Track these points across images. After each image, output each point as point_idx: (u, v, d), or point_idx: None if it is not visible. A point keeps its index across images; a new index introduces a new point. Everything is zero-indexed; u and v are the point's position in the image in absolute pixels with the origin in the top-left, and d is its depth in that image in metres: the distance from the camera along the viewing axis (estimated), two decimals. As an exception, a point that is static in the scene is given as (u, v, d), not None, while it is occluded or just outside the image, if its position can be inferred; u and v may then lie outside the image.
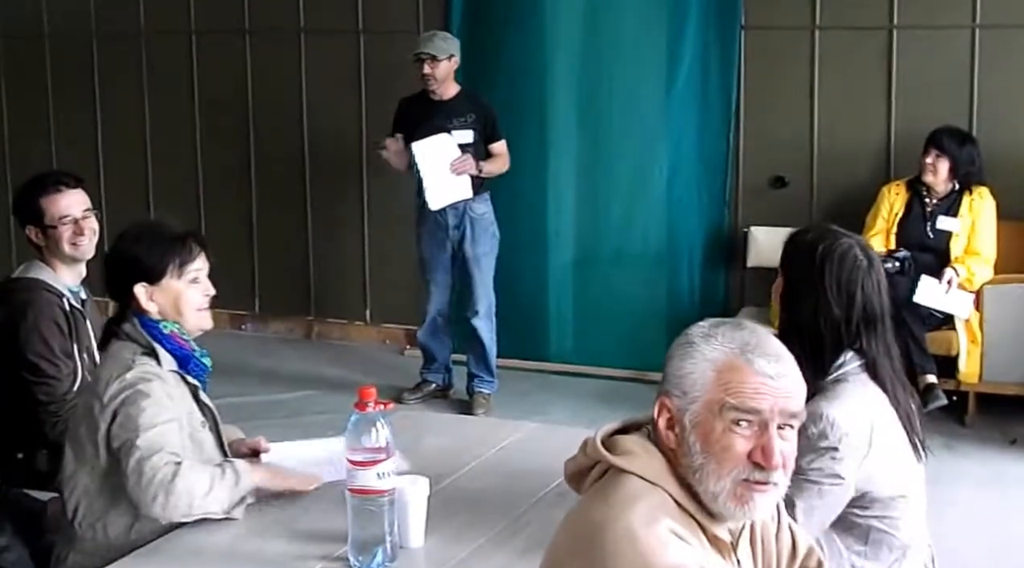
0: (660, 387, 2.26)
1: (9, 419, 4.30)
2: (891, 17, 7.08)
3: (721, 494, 2.18)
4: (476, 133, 6.96)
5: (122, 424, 3.15)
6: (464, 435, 3.90)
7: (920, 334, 6.37)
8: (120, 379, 3.19)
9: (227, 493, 3.14)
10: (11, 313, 4.25)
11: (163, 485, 3.05)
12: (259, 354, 8.11)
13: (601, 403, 7.09)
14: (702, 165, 7.55)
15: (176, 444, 3.17)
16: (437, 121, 6.91)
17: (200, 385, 3.38)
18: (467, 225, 7.04)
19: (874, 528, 3.03)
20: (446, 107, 6.97)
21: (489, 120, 7.02)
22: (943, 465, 6.23)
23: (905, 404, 3.09)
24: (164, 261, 3.36)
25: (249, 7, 8.54)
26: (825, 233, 3.18)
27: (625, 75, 7.66)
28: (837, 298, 3.05)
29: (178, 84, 8.81)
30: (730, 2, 7.36)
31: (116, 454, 3.16)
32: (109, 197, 8.31)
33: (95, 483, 3.23)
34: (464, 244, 7.06)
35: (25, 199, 4.40)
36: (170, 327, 3.34)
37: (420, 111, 6.98)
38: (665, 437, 2.23)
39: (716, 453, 2.18)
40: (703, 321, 2.31)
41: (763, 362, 2.19)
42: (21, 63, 9.35)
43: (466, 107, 6.99)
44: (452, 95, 7.00)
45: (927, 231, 6.70)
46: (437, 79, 6.88)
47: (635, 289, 7.70)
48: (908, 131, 6.94)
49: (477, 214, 7.04)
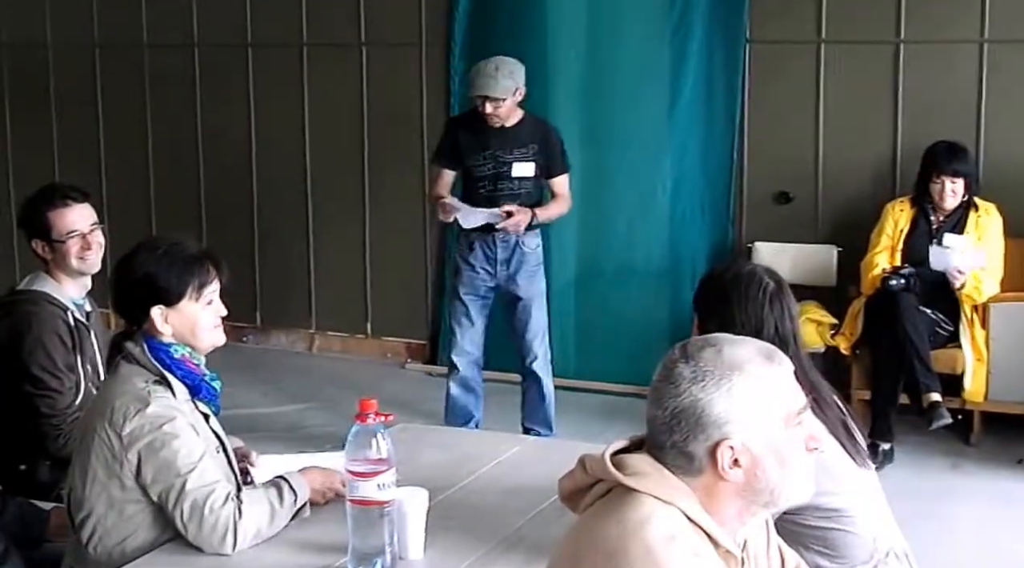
0: (707, 435, 2.18)
1: (11, 431, 4.29)
2: (897, 31, 7.06)
3: (796, 491, 2.25)
4: (537, 166, 6.35)
5: (159, 469, 3.09)
6: (464, 449, 3.88)
7: (925, 352, 6.32)
8: (140, 415, 3.11)
9: (288, 512, 3.16)
10: (15, 326, 4.25)
11: (229, 528, 3.04)
12: (260, 366, 8.09)
13: (602, 419, 7.06)
14: (706, 180, 7.52)
15: (218, 475, 3.15)
16: (495, 150, 6.30)
17: (213, 411, 3.32)
18: (519, 262, 6.42)
19: (820, 538, 3.03)
20: (507, 135, 6.32)
21: (553, 152, 6.41)
22: (948, 484, 6.22)
23: (833, 416, 3.07)
24: (182, 284, 3.26)
25: (251, 20, 8.53)
26: (731, 264, 3.33)
27: (628, 89, 7.64)
28: (745, 321, 3.03)
29: (179, 97, 8.80)
30: (735, 16, 7.34)
31: (159, 500, 3.11)
32: (111, 209, 8.30)
33: (112, 513, 3.17)
34: (514, 283, 6.43)
35: (32, 213, 4.38)
36: (180, 351, 3.26)
37: (475, 135, 6.34)
38: (730, 476, 2.19)
39: (789, 462, 2.22)
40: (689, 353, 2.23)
41: (784, 359, 2.25)
42: (23, 74, 9.35)
43: (529, 136, 6.34)
44: (515, 122, 6.33)
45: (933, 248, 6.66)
46: (502, 118, 6.25)
47: (637, 305, 7.67)
48: (914, 147, 6.90)
49: (530, 248, 6.43)
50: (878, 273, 6.58)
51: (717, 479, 2.20)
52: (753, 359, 2.21)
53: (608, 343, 7.72)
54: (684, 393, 2.18)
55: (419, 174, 8.03)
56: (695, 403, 2.17)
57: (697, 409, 2.17)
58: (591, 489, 2.28)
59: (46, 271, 4.35)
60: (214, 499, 3.06)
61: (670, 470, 2.21)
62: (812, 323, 6.80)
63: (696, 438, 2.18)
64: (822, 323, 6.84)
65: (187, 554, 3.08)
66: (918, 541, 3.44)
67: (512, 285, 6.44)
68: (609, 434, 6.51)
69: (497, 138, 6.30)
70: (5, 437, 4.31)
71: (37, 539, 3.68)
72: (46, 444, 4.20)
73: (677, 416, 2.18)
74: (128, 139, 9.00)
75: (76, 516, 3.23)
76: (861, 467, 3.12)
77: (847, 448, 3.08)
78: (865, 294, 6.68)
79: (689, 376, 2.18)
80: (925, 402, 6.27)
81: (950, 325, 6.53)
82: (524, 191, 6.36)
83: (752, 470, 2.19)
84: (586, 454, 2.31)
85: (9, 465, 4.27)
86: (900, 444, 6.45)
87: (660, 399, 2.20)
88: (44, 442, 4.20)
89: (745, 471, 2.19)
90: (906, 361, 6.31)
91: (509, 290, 6.47)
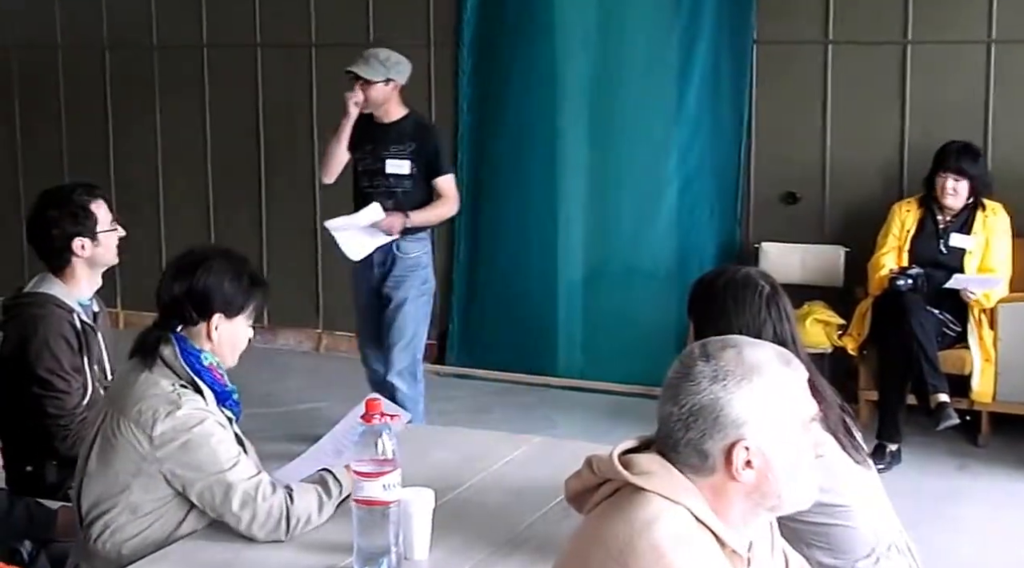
0: (723, 434, 2.19)
1: (18, 433, 4.30)
2: (905, 32, 7.06)
3: (802, 495, 2.27)
4: (414, 164, 6.33)
5: (198, 469, 3.13)
6: (470, 448, 3.88)
7: (932, 352, 6.31)
8: (171, 417, 3.14)
9: (334, 503, 3.20)
10: (22, 329, 4.25)
11: (283, 514, 3.11)
12: (268, 366, 8.09)
13: (608, 418, 7.06)
14: (713, 180, 7.53)
15: (255, 467, 3.21)
16: (373, 145, 6.37)
17: (235, 417, 3.36)
18: (391, 264, 6.39)
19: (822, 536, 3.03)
20: (386, 131, 6.38)
21: (431, 152, 6.37)
22: (956, 485, 6.21)
23: (835, 416, 3.08)
24: (248, 301, 3.35)
25: (260, 21, 8.54)
26: (723, 270, 3.26)
27: (636, 90, 7.65)
28: (743, 325, 3.03)
29: (188, 96, 8.83)
30: (742, 17, 7.35)
31: (201, 499, 3.14)
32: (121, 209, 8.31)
33: (127, 511, 3.19)
34: (385, 286, 6.40)
35: (77, 209, 4.33)
36: (210, 359, 3.30)
37: (363, 130, 6.41)
38: (745, 477, 2.20)
39: (803, 463, 2.24)
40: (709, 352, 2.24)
41: (799, 364, 2.27)
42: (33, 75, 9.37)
43: (408, 135, 6.37)
44: (395, 119, 6.39)
45: (940, 248, 6.65)
46: (370, 104, 6.32)
47: (645, 304, 7.67)
48: (921, 147, 6.90)
49: (404, 254, 6.38)
50: (885, 273, 6.58)
51: (728, 479, 2.20)
52: (771, 363, 2.23)
53: (615, 343, 7.73)
54: (704, 391, 2.18)
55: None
56: (715, 401, 2.18)
57: (716, 407, 2.18)
58: (598, 489, 2.28)
59: (54, 271, 4.33)
60: (263, 488, 3.12)
61: (679, 469, 2.21)
62: (819, 323, 6.80)
63: (712, 437, 2.19)
64: (829, 324, 6.84)
65: (196, 550, 3.10)
66: (925, 542, 3.45)
67: (384, 289, 6.41)
68: (615, 434, 6.47)
69: (377, 134, 6.37)
70: (12, 439, 4.32)
71: (45, 538, 3.69)
72: (54, 444, 4.20)
73: (695, 413, 2.18)
74: (137, 139, 9.02)
75: (86, 513, 3.25)
76: (861, 465, 3.14)
77: (846, 447, 3.09)
78: (872, 294, 6.68)
79: (710, 374, 2.19)
80: (933, 403, 6.26)
81: (958, 325, 6.54)
82: (400, 190, 6.34)
83: (764, 473, 2.20)
84: (593, 454, 2.32)
85: (16, 466, 4.29)
86: (907, 445, 6.45)
87: (677, 396, 2.20)
88: (52, 443, 4.20)
89: (757, 473, 2.20)
90: (913, 361, 6.30)
91: (382, 293, 6.43)
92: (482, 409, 7.38)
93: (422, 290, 6.46)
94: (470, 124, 8.00)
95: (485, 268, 8.08)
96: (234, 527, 3.12)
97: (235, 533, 3.13)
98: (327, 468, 3.29)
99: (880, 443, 6.31)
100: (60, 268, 4.33)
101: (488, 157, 7.99)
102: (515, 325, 7.52)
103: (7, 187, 9.36)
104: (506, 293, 7.14)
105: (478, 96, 7.91)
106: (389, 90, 6.32)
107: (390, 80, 6.30)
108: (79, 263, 4.33)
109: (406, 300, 6.39)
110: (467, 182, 7.98)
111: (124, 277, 8.66)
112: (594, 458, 2.30)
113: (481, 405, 7.47)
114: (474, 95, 7.92)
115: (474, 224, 8.06)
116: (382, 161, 6.35)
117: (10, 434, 4.32)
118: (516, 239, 7.49)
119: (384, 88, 6.30)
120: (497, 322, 7.98)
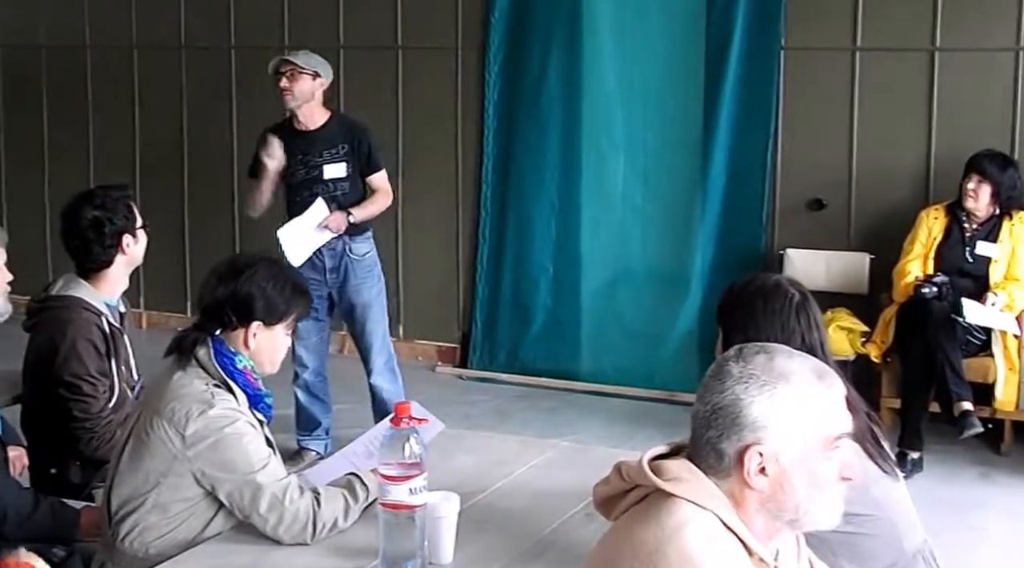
0: (740, 436, 2.20)
1: (43, 435, 4.33)
2: (933, 39, 7.04)
3: (823, 515, 2.25)
4: (349, 165, 6.28)
5: (228, 468, 3.15)
6: (496, 453, 3.88)
7: (956, 360, 6.30)
8: (204, 416, 3.17)
9: (360, 507, 3.21)
10: (50, 333, 4.27)
11: (310, 517, 3.12)
12: (291, 370, 8.07)
13: (631, 423, 7.05)
14: (740, 186, 7.52)
15: (286, 470, 3.23)
16: (304, 155, 6.26)
17: (266, 420, 3.38)
18: (347, 269, 6.34)
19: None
20: (314, 138, 6.28)
21: (364, 150, 6.31)
22: (979, 493, 6.20)
23: (861, 424, 3.05)
24: (288, 311, 3.37)
25: (288, 24, 8.57)
26: (753, 277, 3.25)
27: (664, 96, 7.65)
28: (772, 333, 3.03)
29: (215, 99, 8.86)
30: (770, 23, 7.34)
31: (229, 499, 3.17)
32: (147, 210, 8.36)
33: (156, 510, 3.22)
34: (346, 291, 6.36)
35: (124, 209, 4.39)
36: (244, 362, 3.32)
37: (290, 142, 6.26)
38: (758, 484, 2.21)
39: (820, 484, 2.23)
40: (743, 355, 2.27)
41: (836, 382, 2.26)
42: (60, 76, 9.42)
43: (338, 137, 6.30)
44: (320, 124, 6.31)
45: (966, 256, 6.64)
46: (295, 96, 6.21)
47: (669, 309, 7.67)
48: (948, 155, 6.90)
49: (358, 255, 6.35)
50: (910, 281, 6.57)
51: (743, 485, 2.21)
52: (802, 374, 2.23)
53: (638, 348, 7.73)
54: (727, 390, 2.21)
55: (453, 178, 8.07)
56: (735, 402, 2.20)
57: (736, 408, 2.20)
58: (627, 495, 2.29)
59: (86, 274, 4.35)
60: (292, 491, 3.13)
61: (703, 469, 2.23)
62: (843, 331, 6.79)
63: (729, 437, 2.21)
64: (853, 331, 6.83)
65: (222, 552, 3.11)
66: (947, 550, 3.44)
67: (344, 293, 6.38)
68: (637, 439, 6.53)
69: (305, 142, 6.28)
70: (37, 441, 4.35)
71: (69, 538, 3.71)
72: (78, 447, 4.23)
73: (716, 412, 2.21)
74: (163, 140, 9.06)
75: (115, 511, 3.27)
76: (888, 474, 3.14)
77: (874, 456, 3.09)
78: (897, 302, 6.67)
79: (736, 375, 2.22)
80: (956, 411, 6.24)
81: (982, 334, 6.51)
82: (340, 193, 6.30)
83: (778, 482, 2.21)
84: (622, 461, 2.33)
85: (40, 468, 4.32)
86: (930, 453, 6.43)
87: (704, 394, 2.24)
88: (76, 445, 4.23)
89: (771, 481, 2.21)
90: (937, 369, 6.29)
91: (343, 298, 6.40)
92: (504, 413, 7.39)
93: (379, 287, 6.48)
94: (496, 128, 8.01)
95: (509, 272, 8.08)
96: (261, 529, 3.13)
97: (260, 535, 3.14)
98: (355, 472, 3.31)
99: (902, 451, 6.30)
100: (98, 270, 4.34)
101: (513, 161, 7.99)
102: (538, 329, 7.53)
103: (34, 190, 9.40)
104: (529, 297, 7.14)
105: (505, 100, 7.92)
106: (316, 86, 6.25)
107: (317, 75, 6.25)
108: (121, 262, 4.37)
109: (371, 301, 6.40)
110: (492, 185, 8.00)
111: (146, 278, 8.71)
112: (623, 464, 2.32)
113: (503, 409, 7.47)
114: (500, 99, 7.93)
115: (498, 228, 8.07)
116: (319, 168, 6.27)
117: (35, 436, 4.36)
118: (540, 243, 7.50)
119: (311, 82, 6.23)
120: (520, 326, 7.98)
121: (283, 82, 6.21)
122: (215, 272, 3.40)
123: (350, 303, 6.38)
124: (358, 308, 6.39)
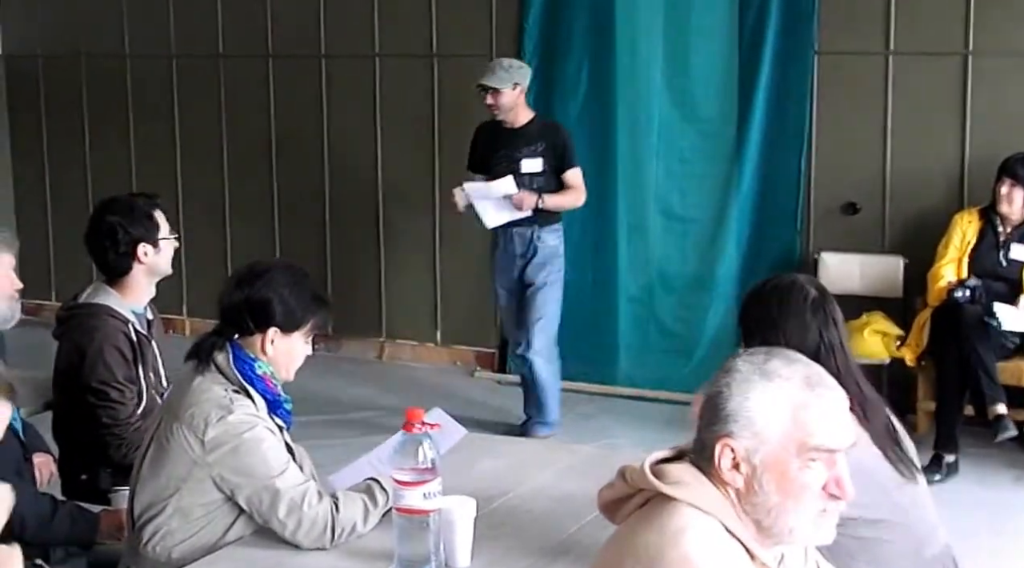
0: (717, 427, 2.23)
1: (73, 442, 4.37)
2: (966, 43, 7.01)
3: (799, 528, 2.22)
4: (546, 162, 6.86)
5: (247, 474, 3.18)
6: (519, 458, 3.91)
7: (991, 363, 6.27)
8: (223, 421, 3.19)
9: (379, 512, 3.23)
10: (77, 340, 4.30)
11: (328, 522, 3.14)
12: (331, 374, 8.14)
13: (667, 428, 7.03)
14: (774, 190, 7.51)
15: (305, 475, 3.26)
16: (507, 150, 6.89)
17: (285, 426, 3.40)
18: (534, 254, 6.95)
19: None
20: (516, 135, 6.90)
21: (560, 149, 6.89)
22: (1013, 497, 6.18)
23: (879, 424, 3.07)
24: (305, 319, 3.38)
25: (325, 32, 8.63)
26: (774, 276, 3.28)
27: (698, 101, 7.66)
28: (788, 329, 3.05)
29: (254, 106, 8.93)
30: (804, 27, 7.33)
31: (249, 504, 3.19)
32: (187, 217, 8.47)
33: (178, 515, 3.25)
34: (528, 271, 6.95)
35: (140, 216, 4.39)
36: (264, 368, 3.33)
37: (492, 139, 6.97)
38: (730, 478, 2.22)
39: (794, 492, 2.20)
40: (744, 352, 2.31)
41: (829, 395, 2.23)
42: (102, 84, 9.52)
43: (537, 135, 6.89)
44: (524, 122, 6.93)
45: (1000, 260, 6.61)
46: (502, 110, 6.84)
47: (704, 313, 7.68)
48: (982, 158, 6.87)
49: (544, 244, 6.95)
50: (944, 284, 6.55)
51: (720, 480, 2.23)
52: (789, 376, 2.23)
53: (674, 353, 7.73)
54: (718, 383, 2.26)
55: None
56: (718, 394, 2.24)
57: (718, 400, 2.24)
58: (631, 499, 2.31)
59: (110, 282, 4.38)
60: (310, 496, 3.15)
61: (700, 468, 2.25)
62: (878, 334, 6.78)
63: (709, 428, 2.25)
64: (888, 334, 6.81)
65: (243, 556, 3.15)
66: (981, 554, 3.44)
67: (526, 273, 6.95)
68: (671, 444, 6.52)
69: (509, 138, 6.90)
70: (67, 448, 4.40)
71: (90, 541, 3.76)
72: (108, 453, 4.26)
73: (706, 404, 2.26)
74: (203, 148, 9.14)
75: (138, 517, 3.31)
76: (907, 479, 3.12)
77: (891, 458, 3.08)
78: (931, 305, 6.65)
79: (731, 371, 2.25)
80: (990, 414, 6.22)
81: (1016, 337, 6.47)
82: (535, 186, 6.84)
83: (751, 481, 2.21)
84: (626, 465, 2.35)
85: (71, 475, 4.36)
86: (965, 456, 6.40)
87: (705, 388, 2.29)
88: (106, 451, 4.26)
89: (744, 480, 2.21)
90: (971, 372, 6.27)
91: (524, 277, 6.97)
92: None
93: (558, 276, 6.99)
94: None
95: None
96: (280, 533, 3.16)
97: (280, 539, 3.17)
98: (375, 477, 3.32)
99: (937, 454, 6.29)
100: (119, 277, 4.37)
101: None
102: (575, 334, 7.53)
103: (76, 195, 9.51)
104: (567, 302, 7.16)
105: (539, 106, 7.93)
106: (516, 94, 6.84)
107: (516, 85, 6.82)
108: (140, 270, 4.37)
109: (545, 284, 6.94)
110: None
111: (189, 285, 8.81)
112: (627, 468, 2.34)
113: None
114: (535, 105, 7.94)
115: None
116: (517, 162, 6.85)
117: (65, 443, 4.41)
118: (577, 248, 7.51)
119: (512, 93, 6.82)
120: (558, 331, 8.00)
121: (488, 99, 6.83)
122: (234, 276, 3.43)
123: (530, 281, 6.96)
124: (534, 285, 6.94)
